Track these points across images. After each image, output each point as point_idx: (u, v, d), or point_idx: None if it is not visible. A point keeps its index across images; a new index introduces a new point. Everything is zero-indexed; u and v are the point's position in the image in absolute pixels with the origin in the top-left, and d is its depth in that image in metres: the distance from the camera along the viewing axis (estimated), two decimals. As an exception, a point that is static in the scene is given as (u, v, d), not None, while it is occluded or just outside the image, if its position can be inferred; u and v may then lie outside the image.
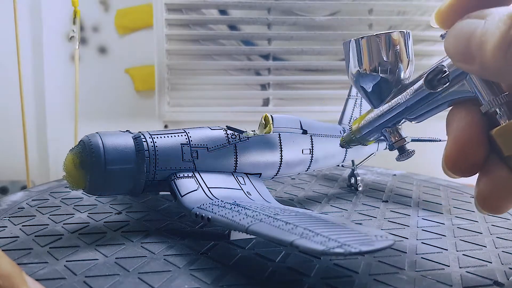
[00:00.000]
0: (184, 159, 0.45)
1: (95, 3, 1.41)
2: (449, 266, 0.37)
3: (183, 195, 0.42)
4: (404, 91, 0.35)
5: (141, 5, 1.43)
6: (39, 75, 1.41)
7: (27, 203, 0.53)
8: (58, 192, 0.58)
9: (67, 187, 0.49)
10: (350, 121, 0.63)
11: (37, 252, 0.38)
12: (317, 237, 0.31)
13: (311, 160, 0.54)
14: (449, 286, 0.34)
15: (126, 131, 0.46)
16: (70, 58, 1.40)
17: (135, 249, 0.39)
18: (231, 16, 1.49)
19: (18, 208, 0.51)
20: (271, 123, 0.51)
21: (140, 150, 0.43)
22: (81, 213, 0.49)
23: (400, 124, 0.38)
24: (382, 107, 0.38)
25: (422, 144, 0.59)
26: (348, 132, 0.42)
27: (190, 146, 0.46)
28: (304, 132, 0.53)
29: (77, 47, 1.11)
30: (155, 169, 0.44)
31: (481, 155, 0.30)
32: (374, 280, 0.34)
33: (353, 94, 0.64)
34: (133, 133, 0.46)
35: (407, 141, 0.38)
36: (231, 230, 0.41)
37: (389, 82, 0.36)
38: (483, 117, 0.30)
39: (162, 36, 1.42)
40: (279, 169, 0.51)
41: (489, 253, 0.41)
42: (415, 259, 0.38)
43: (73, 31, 1.09)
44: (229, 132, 0.48)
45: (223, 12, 1.49)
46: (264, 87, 1.52)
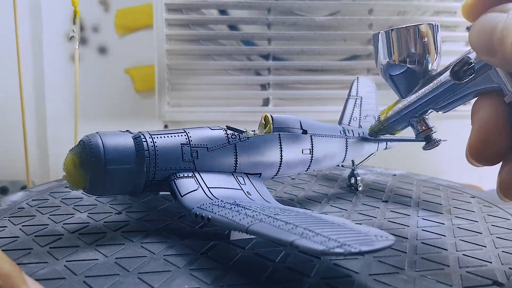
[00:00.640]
0: (184, 159, 0.45)
1: (95, 3, 1.41)
2: (449, 266, 0.37)
3: (183, 195, 0.42)
4: (431, 82, 0.37)
5: (141, 5, 1.43)
6: (39, 75, 1.41)
7: (27, 203, 0.53)
8: (58, 192, 0.58)
9: (67, 187, 0.49)
10: (350, 121, 0.63)
11: (37, 252, 0.38)
12: (317, 237, 0.31)
13: (311, 160, 0.54)
14: (449, 286, 0.34)
15: (126, 131, 0.46)
16: (70, 58, 1.40)
17: (135, 249, 0.39)
18: (231, 16, 1.49)
19: (18, 208, 0.51)
20: (271, 123, 0.51)
21: (140, 150, 0.43)
22: (81, 213, 0.49)
23: (427, 114, 0.40)
24: (409, 97, 0.39)
25: (422, 144, 0.59)
26: (377, 122, 0.44)
27: (190, 146, 0.46)
28: (304, 132, 0.53)
29: (77, 47, 1.11)
30: (155, 169, 0.44)
31: (505, 144, 0.30)
32: (374, 280, 0.34)
33: (353, 94, 0.65)
34: (133, 133, 0.46)
35: (433, 130, 0.40)
36: (231, 230, 0.41)
37: (416, 73, 0.37)
38: (507, 108, 0.30)
39: (162, 36, 1.42)
40: (279, 169, 0.51)
41: (489, 253, 0.41)
42: (415, 259, 0.38)
43: (73, 31, 1.09)
44: (229, 132, 0.48)
45: (223, 12, 1.49)
46: (264, 87, 1.52)
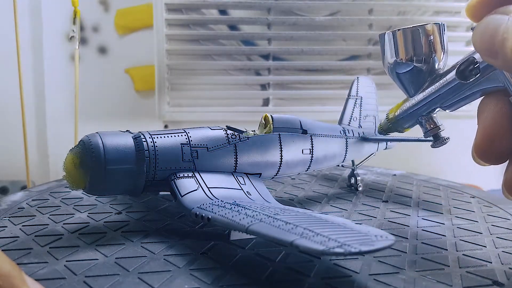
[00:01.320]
0: (184, 159, 0.45)
1: (95, 3, 1.41)
2: (449, 266, 0.37)
3: (183, 195, 0.42)
4: (438, 81, 0.37)
5: (141, 5, 1.42)
6: (39, 75, 1.41)
7: (27, 203, 0.53)
8: (58, 192, 0.58)
9: (67, 187, 0.49)
10: (350, 121, 0.63)
11: (37, 252, 0.38)
12: (317, 237, 0.31)
13: (311, 160, 0.54)
14: (449, 286, 0.34)
15: (126, 131, 0.46)
16: (70, 58, 1.40)
17: (135, 249, 0.39)
18: (231, 16, 1.49)
19: (18, 208, 0.51)
20: (271, 123, 0.51)
21: (140, 150, 0.43)
22: (81, 213, 0.49)
23: (434, 112, 0.40)
24: (417, 96, 0.39)
25: (422, 144, 0.59)
26: (385, 120, 0.44)
27: (190, 146, 0.46)
28: (304, 132, 0.53)
29: (77, 47, 1.11)
30: (155, 169, 0.44)
31: (510, 143, 0.30)
32: (374, 280, 0.34)
33: (353, 94, 0.65)
34: (133, 133, 0.46)
35: (441, 128, 0.40)
36: (231, 230, 0.41)
37: (423, 72, 0.37)
38: None
39: (162, 36, 1.42)
40: (279, 169, 0.51)
41: (489, 253, 0.41)
42: (415, 259, 0.38)
43: (73, 31, 1.09)
44: (229, 132, 0.48)
45: (223, 12, 1.49)
46: (264, 87, 1.52)
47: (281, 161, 0.51)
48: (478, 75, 0.33)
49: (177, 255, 0.38)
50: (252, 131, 0.52)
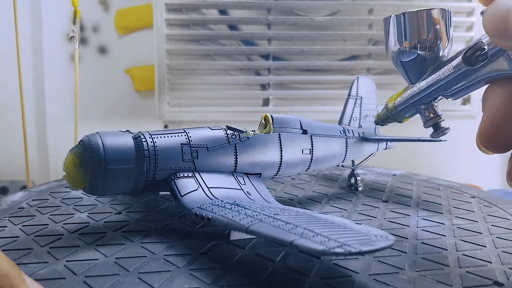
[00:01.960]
0: (184, 159, 0.45)
1: (95, 3, 1.41)
2: (449, 266, 0.37)
3: (183, 195, 0.42)
4: (441, 68, 0.36)
5: (141, 5, 1.43)
6: (39, 75, 1.41)
7: (27, 203, 0.53)
8: (58, 192, 0.58)
9: (67, 187, 0.49)
10: (350, 121, 0.63)
11: (37, 252, 0.38)
12: (317, 237, 0.31)
13: (311, 160, 0.54)
14: (449, 286, 0.34)
15: (126, 131, 0.46)
16: (70, 58, 1.40)
17: (135, 249, 0.39)
18: (231, 16, 1.49)
19: (18, 208, 0.51)
20: (271, 123, 0.51)
21: (140, 150, 0.43)
22: (81, 213, 0.49)
23: (436, 101, 0.39)
24: (419, 84, 0.38)
25: (422, 144, 0.59)
26: (384, 110, 0.43)
27: (190, 146, 0.46)
28: (304, 132, 0.53)
29: (77, 47, 1.12)
30: (155, 169, 0.44)
31: None
32: (374, 280, 0.34)
33: (353, 94, 0.65)
34: (133, 133, 0.46)
35: (442, 118, 0.39)
36: (231, 230, 0.41)
37: (427, 59, 0.37)
38: None
39: (162, 36, 1.42)
40: (279, 169, 0.51)
41: (489, 253, 0.41)
42: (415, 259, 0.38)
43: (73, 31, 1.09)
44: (229, 132, 0.48)
45: (223, 12, 1.49)
46: (264, 87, 1.52)
47: (281, 161, 0.51)
48: (486, 61, 0.32)
49: (177, 255, 0.38)
50: (252, 131, 0.52)
